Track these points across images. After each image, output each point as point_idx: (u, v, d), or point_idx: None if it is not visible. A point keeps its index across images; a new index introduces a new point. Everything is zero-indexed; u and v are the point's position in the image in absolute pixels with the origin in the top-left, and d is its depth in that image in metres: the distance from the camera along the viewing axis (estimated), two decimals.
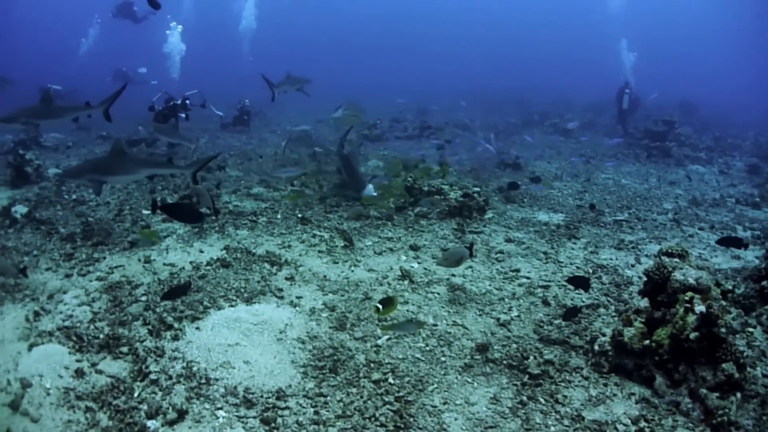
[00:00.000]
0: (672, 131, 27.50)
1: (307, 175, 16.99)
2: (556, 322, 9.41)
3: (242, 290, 10.02)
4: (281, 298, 9.91)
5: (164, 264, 10.97)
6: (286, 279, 10.64)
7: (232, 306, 9.45)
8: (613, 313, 9.79)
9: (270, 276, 10.73)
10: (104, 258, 11.08)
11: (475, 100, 40.37)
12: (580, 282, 9.81)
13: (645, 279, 8.44)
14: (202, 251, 11.81)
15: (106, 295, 9.51)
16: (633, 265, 12.25)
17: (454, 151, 23.31)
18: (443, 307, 9.82)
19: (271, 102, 17.70)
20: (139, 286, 9.89)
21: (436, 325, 9.21)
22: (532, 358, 8.22)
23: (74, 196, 15.16)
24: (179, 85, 29.11)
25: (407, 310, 9.65)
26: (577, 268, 11.82)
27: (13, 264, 9.97)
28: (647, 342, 7.63)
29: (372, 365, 8.00)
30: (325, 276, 10.87)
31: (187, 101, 21.36)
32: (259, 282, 10.42)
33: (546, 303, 10.16)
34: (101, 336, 8.16)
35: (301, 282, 10.59)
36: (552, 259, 12.23)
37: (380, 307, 7.68)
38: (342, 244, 12.41)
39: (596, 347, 8.16)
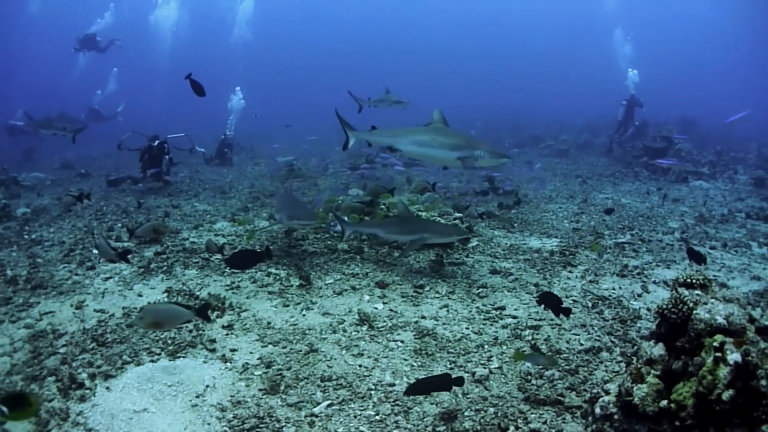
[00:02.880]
0: (671, 147, 25.60)
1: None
2: (548, 373, 7.28)
3: (170, 342, 8.17)
4: (212, 351, 8.01)
5: (95, 310, 9.32)
6: (224, 327, 8.72)
7: (152, 361, 7.70)
8: (619, 357, 7.78)
9: (206, 324, 8.74)
10: (39, 303, 9.65)
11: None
12: (550, 301, 7.60)
13: (658, 319, 6.27)
14: (140, 295, 10.05)
15: (28, 345, 8.16)
16: (640, 295, 10.25)
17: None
18: (406, 360, 7.73)
19: (358, 113, 15.23)
20: (62, 336, 8.41)
21: (393, 384, 7.09)
22: (512, 428, 6.15)
23: (33, 236, 13.61)
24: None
25: (359, 365, 7.55)
26: (574, 301, 9.71)
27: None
28: (664, 403, 5.44)
29: None
30: (269, 323, 8.88)
31: (165, 144, 19.71)
32: (191, 331, 8.52)
33: (535, 349, 8.03)
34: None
35: (240, 331, 8.63)
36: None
37: (5, 410, 5.28)
38: (298, 283, 10.30)
39: (598, 410, 5.96)
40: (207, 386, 7.05)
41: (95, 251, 12.07)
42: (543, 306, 7.80)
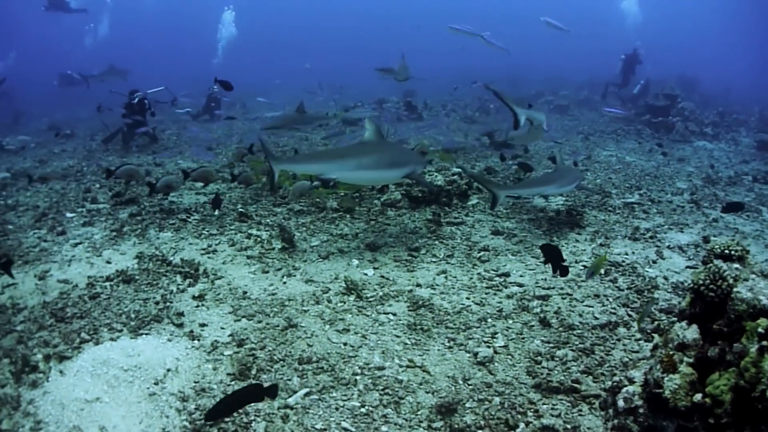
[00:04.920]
0: (674, 105, 24.55)
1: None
2: (560, 353, 6.22)
3: (133, 316, 7.12)
4: (180, 326, 6.94)
5: (58, 281, 8.28)
6: (194, 298, 7.64)
7: (113, 339, 6.63)
8: (637, 334, 6.73)
9: (175, 294, 7.75)
10: (2, 274, 8.31)
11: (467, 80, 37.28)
12: (551, 254, 6.86)
13: (691, 296, 5.15)
14: (109, 261, 8.97)
15: None
16: (655, 262, 9.12)
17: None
18: (398, 337, 6.65)
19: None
20: (22, 311, 7.42)
21: (382, 368, 6.01)
22: (522, 425, 5.08)
23: (9, 201, 12.46)
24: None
25: (344, 344, 6.47)
26: (585, 267, 8.62)
27: None
28: (698, 397, 4.44)
29: None
30: (245, 292, 7.80)
31: (146, 100, 18.49)
32: (158, 303, 7.47)
33: (545, 323, 6.98)
34: None
35: (213, 302, 7.55)
36: None
37: None
38: (280, 246, 9.17)
39: (621, 402, 4.89)
40: (168, 370, 6.02)
41: (68, 215, 11.11)
42: (545, 260, 6.99)
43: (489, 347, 6.35)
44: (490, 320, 7.01)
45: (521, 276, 8.31)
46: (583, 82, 36.34)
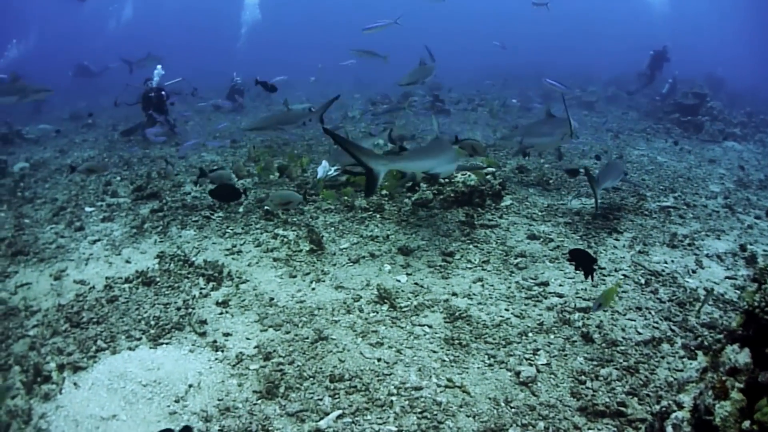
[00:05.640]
0: (703, 105, 24.06)
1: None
2: (604, 372, 5.85)
3: (153, 323, 6.78)
4: (202, 335, 6.59)
5: (75, 281, 7.98)
6: (218, 304, 7.27)
7: (131, 348, 6.30)
8: (681, 351, 6.37)
9: (198, 299, 7.39)
10: (17, 273, 8.31)
11: (492, 76, 36.61)
12: (580, 258, 6.65)
13: (743, 316, 4.76)
14: (129, 261, 8.65)
15: None
16: (694, 271, 8.70)
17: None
18: (435, 352, 6.24)
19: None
20: (35, 314, 7.14)
21: (419, 388, 5.61)
22: None
23: (27, 194, 12.16)
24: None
25: (378, 359, 6.08)
26: (625, 276, 8.19)
27: None
28: (746, 424, 4.04)
29: None
30: (272, 299, 7.40)
31: (163, 92, 18.02)
32: (179, 309, 7.10)
33: (587, 338, 6.56)
34: None
35: (237, 309, 7.17)
36: None
37: None
38: (308, 248, 8.78)
39: (669, 429, 4.56)
40: (190, 386, 5.67)
41: (87, 209, 10.82)
42: (574, 265, 6.76)
43: (531, 365, 5.96)
44: (531, 334, 6.61)
45: (560, 285, 7.89)
46: (609, 79, 35.77)
